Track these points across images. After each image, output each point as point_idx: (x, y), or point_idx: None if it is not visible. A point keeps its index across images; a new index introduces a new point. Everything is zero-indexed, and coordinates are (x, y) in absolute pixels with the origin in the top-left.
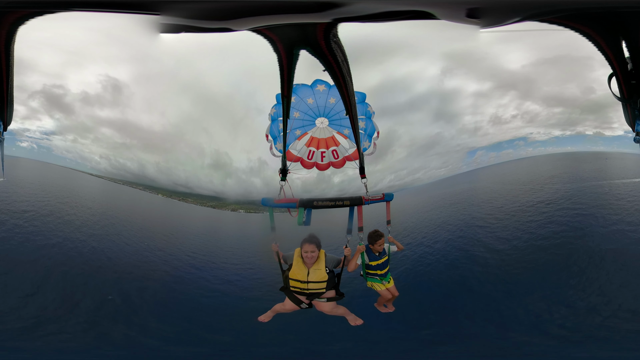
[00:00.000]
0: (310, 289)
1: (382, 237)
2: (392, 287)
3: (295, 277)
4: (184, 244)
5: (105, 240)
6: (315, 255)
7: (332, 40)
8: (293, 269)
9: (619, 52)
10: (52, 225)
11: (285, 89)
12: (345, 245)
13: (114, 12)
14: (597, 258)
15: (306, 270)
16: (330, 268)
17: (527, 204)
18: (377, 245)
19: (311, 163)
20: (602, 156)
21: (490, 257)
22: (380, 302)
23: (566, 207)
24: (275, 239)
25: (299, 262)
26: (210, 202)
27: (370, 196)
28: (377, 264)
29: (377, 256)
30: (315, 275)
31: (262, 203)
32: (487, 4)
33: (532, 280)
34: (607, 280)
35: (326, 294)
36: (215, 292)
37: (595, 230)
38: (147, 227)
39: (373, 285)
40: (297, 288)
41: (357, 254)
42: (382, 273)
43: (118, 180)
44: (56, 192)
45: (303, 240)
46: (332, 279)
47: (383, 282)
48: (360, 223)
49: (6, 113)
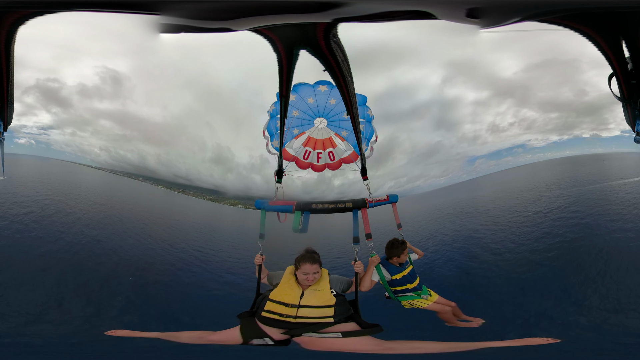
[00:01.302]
0: (301, 317)
1: (406, 246)
2: (440, 298)
3: (279, 299)
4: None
5: (110, 233)
6: (317, 277)
7: (332, 40)
8: (279, 288)
9: (619, 52)
10: (56, 220)
11: (284, 89)
12: (354, 260)
13: (114, 12)
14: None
15: (299, 291)
16: (337, 291)
17: (524, 212)
18: (402, 257)
19: (307, 163)
20: (600, 158)
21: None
22: (451, 319)
23: (563, 217)
24: (262, 250)
25: (290, 280)
26: (209, 195)
27: (373, 198)
28: (403, 275)
29: (399, 267)
30: (315, 298)
31: (255, 206)
32: (487, 4)
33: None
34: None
35: (339, 326)
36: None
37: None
38: (150, 219)
39: (413, 304)
40: (277, 315)
41: (370, 268)
42: (415, 286)
43: (118, 172)
44: (58, 187)
45: (300, 258)
46: (343, 304)
47: (423, 296)
48: (368, 229)
49: (6, 113)
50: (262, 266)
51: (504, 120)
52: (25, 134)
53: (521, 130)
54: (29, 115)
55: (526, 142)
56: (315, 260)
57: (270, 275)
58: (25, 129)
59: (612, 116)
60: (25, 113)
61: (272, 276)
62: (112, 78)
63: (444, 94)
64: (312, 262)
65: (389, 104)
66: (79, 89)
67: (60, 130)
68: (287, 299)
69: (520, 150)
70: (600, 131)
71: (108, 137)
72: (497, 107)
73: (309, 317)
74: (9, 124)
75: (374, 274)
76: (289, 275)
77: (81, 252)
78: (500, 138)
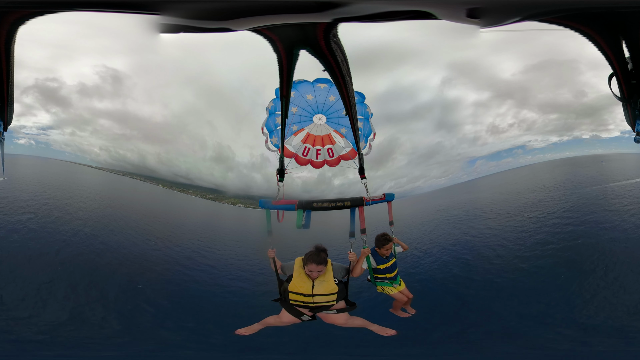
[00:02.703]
0: (317, 302)
1: (391, 242)
2: (405, 289)
3: (297, 291)
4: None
5: (110, 233)
6: (321, 273)
7: (332, 40)
8: (294, 281)
9: (619, 52)
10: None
11: (284, 89)
12: (349, 251)
13: (114, 12)
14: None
15: (310, 282)
16: (339, 278)
17: (520, 215)
18: (384, 249)
19: (306, 160)
20: (599, 159)
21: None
22: (397, 306)
23: (561, 223)
24: (272, 244)
25: (301, 274)
26: (210, 194)
27: (371, 197)
28: (386, 267)
29: (385, 259)
30: (323, 288)
31: (259, 205)
32: (487, 4)
33: None
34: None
35: (335, 305)
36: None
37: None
38: (151, 220)
39: (384, 290)
40: (300, 302)
41: (361, 258)
42: (392, 276)
43: (118, 172)
44: (57, 188)
45: (308, 256)
46: (342, 290)
47: (394, 285)
48: (363, 225)
49: (6, 113)
50: (275, 258)
51: (504, 122)
52: (25, 134)
53: (521, 131)
54: (28, 116)
55: (526, 143)
56: (320, 261)
57: (284, 266)
58: (24, 130)
59: (612, 117)
60: (24, 113)
61: (285, 267)
62: (113, 77)
63: (445, 95)
64: (317, 263)
65: (390, 104)
66: (79, 88)
67: (60, 130)
68: (303, 289)
69: (520, 152)
70: (600, 132)
71: (107, 136)
72: (497, 109)
73: (321, 302)
74: (9, 124)
75: (364, 263)
76: (299, 268)
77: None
78: (500, 139)
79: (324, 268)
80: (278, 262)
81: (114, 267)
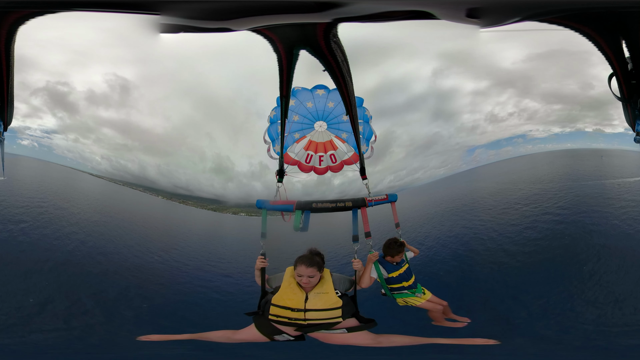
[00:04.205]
0: (310, 320)
1: (403, 248)
2: (433, 297)
3: (282, 304)
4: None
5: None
6: (314, 281)
7: (332, 40)
8: (281, 292)
9: (619, 52)
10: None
11: (284, 89)
12: (353, 257)
13: (114, 12)
14: None
15: (303, 295)
16: (342, 291)
17: (514, 206)
18: (397, 257)
19: (309, 167)
20: (599, 154)
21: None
22: (438, 318)
23: (553, 212)
24: (264, 250)
25: (291, 284)
26: (210, 205)
27: (373, 197)
28: (399, 274)
29: (396, 265)
30: (320, 302)
31: (256, 205)
32: (487, 4)
33: None
34: None
35: (343, 322)
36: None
37: None
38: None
39: (407, 302)
40: (284, 318)
41: (368, 265)
42: (410, 284)
43: (119, 181)
44: (57, 192)
45: (299, 258)
46: (349, 304)
47: (417, 294)
48: (367, 228)
49: (6, 113)
50: (264, 270)
51: (504, 110)
52: (29, 136)
53: (522, 120)
54: (34, 118)
55: (527, 132)
56: (312, 263)
57: (270, 278)
58: (29, 131)
59: (617, 113)
60: (30, 115)
61: (272, 279)
62: (121, 86)
63: (439, 85)
64: (307, 265)
65: (382, 98)
66: (88, 95)
67: (64, 135)
68: (291, 303)
69: (521, 141)
70: (604, 127)
71: (110, 146)
72: (497, 97)
73: (316, 320)
74: (9, 124)
75: (372, 271)
76: (289, 278)
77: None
78: (500, 128)
79: (317, 273)
80: (266, 275)
81: (110, 275)
